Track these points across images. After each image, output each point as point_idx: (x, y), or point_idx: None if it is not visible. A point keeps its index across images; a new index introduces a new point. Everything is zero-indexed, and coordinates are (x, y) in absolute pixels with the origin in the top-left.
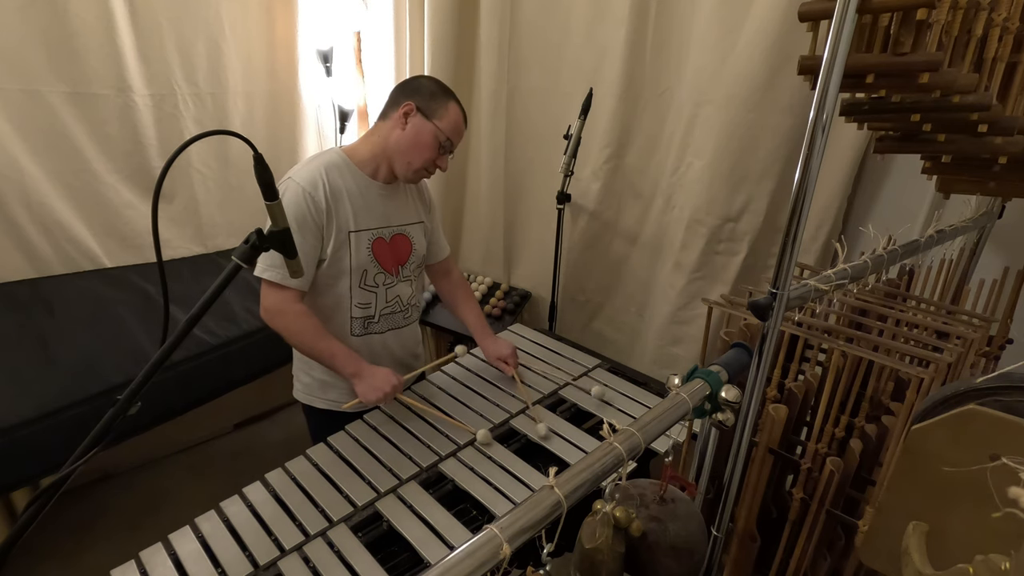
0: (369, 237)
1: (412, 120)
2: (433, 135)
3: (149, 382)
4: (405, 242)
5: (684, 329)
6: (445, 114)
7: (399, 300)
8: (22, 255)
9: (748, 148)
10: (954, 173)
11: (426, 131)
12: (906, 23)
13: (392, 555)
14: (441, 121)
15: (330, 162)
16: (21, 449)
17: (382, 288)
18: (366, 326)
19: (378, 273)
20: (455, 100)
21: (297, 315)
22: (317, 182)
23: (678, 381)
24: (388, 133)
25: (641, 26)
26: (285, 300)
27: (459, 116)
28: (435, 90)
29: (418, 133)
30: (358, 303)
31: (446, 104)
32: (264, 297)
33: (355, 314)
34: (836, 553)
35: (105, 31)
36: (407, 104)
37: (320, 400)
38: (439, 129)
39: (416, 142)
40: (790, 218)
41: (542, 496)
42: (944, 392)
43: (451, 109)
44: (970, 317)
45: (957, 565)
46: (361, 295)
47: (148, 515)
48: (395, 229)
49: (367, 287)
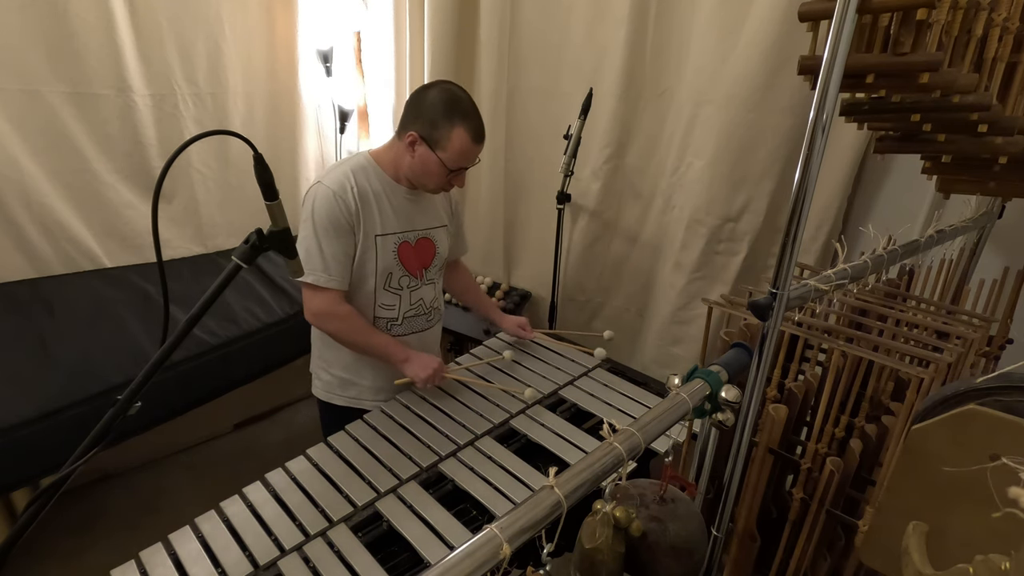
0: (396, 240)
1: (418, 149)
2: (438, 164)
3: (149, 382)
4: (430, 245)
5: (684, 329)
6: (449, 143)
7: (422, 303)
8: (22, 255)
9: (748, 148)
10: (954, 173)
11: (431, 161)
12: (906, 23)
13: (392, 555)
14: (445, 152)
15: (357, 165)
16: (21, 449)
17: (406, 291)
18: (389, 327)
19: (403, 276)
20: (462, 120)
21: (346, 316)
22: (345, 185)
23: (678, 381)
24: (401, 155)
25: (641, 26)
26: (332, 302)
27: (465, 141)
28: (438, 114)
29: (424, 163)
30: (382, 304)
31: (450, 131)
32: (309, 301)
33: (379, 314)
34: (836, 553)
35: (105, 31)
36: (411, 134)
37: (339, 397)
38: (443, 159)
39: (424, 171)
40: (790, 218)
41: (542, 496)
42: (944, 392)
43: (455, 135)
44: (970, 317)
45: (957, 565)
46: (385, 297)
47: (148, 515)
48: (420, 233)
49: (392, 289)
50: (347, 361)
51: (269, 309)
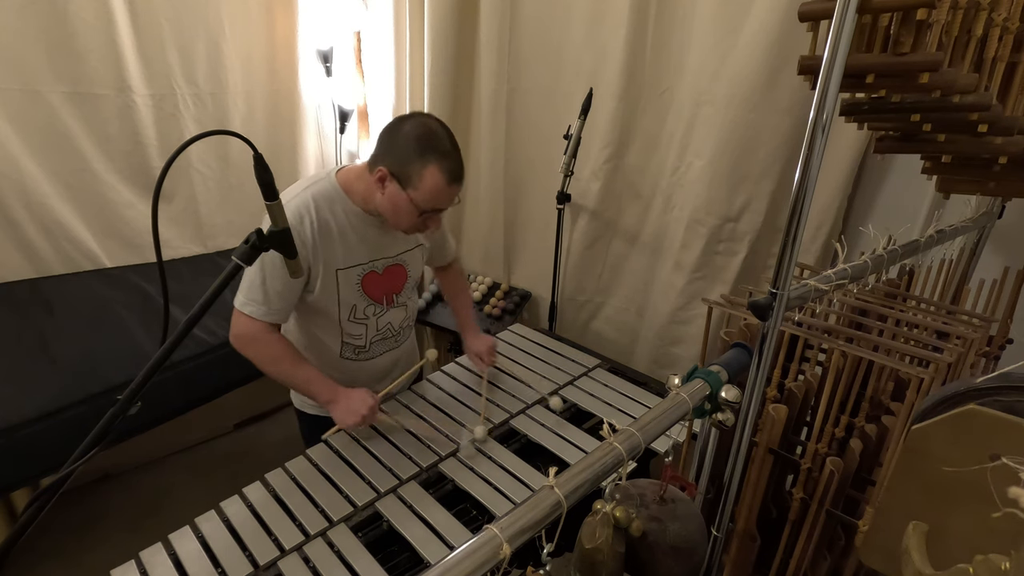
0: (359, 273)
1: (388, 187)
2: (408, 203)
3: (149, 382)
4: (400, 272)
5: (684, 329)
6: (420, 182)
7: (390, 327)
8: (22, 255)
9: (748, 148)
10: (954, 173)
11: (401, 200)
12: (906, 23)
13: (392, 555)
14: (416, 191)
15: (321, 193)
16: (21, 449)
17: (372, 319)
18: (357, 353)
19: (368, 306)
20: (438, 159)
21: (270, 342)
22: (304, 216)
23: (678, 381)
24: (372, 191)
25: (641, 26)
26: (255, 328)
27: (438, 181)
28: (412, 151)
29: (394, 202)
30: (348, 334)
31: (422, 169)
32: (235, 324)
33: (346, 340)
34: (836, 553)
35: (105, 31)
36: (380, 170)
37: (311, 406)
38: (413, 199)
39: (394, 210)
40: (790, 218)
41: (542, 496)
42: (944, 392)
43: (428, 174)
44: (970, 317)
45: (957, 565)
46: (352, 327)
47: (148, 515)
48: (391, 260)
49: (357, 320)
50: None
51: None
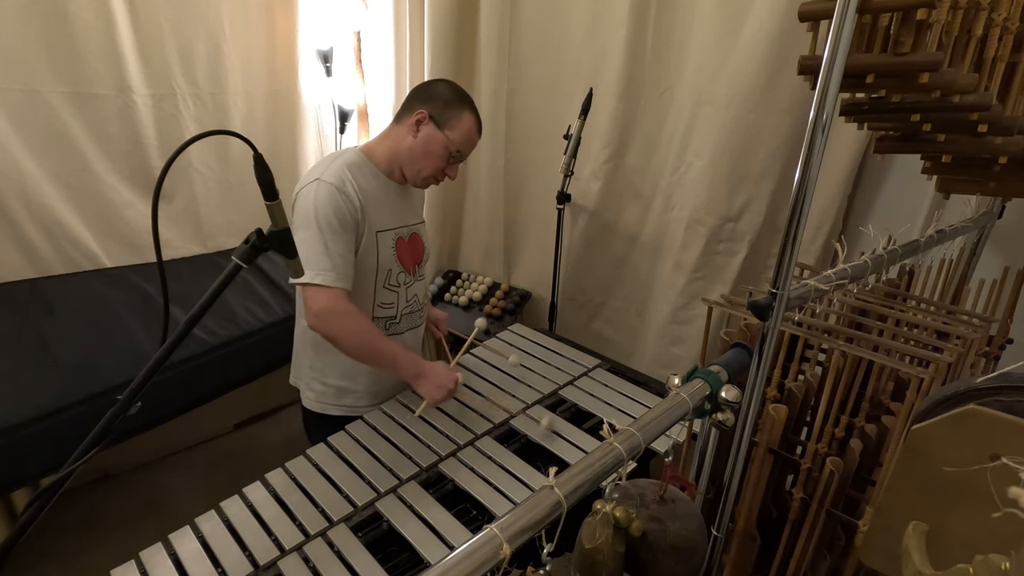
0: (393, 236)
1: (424, 128)
2: (443, 145)
3: (149, 382)
4: (419, 242)
5: (684, 329)
6: (457, 124)
7: (416, 299)
8: (22, 255)
9: (748, 148)
10: (954, 173)
11: (436, 141)
12: (906, 23)
13: (392, 555)
14: (452, 132)
15: (351, 161)
16: (21, 449)
17: (403, 288)
18: (388, 327)
19: (400, 272)
20: (470, 109)
21: (353, 314)
22: (345, 180)
23: (678, 381)
24: (401, 138)
25: (641, 26)
26: (337, 299)
27: (472, 127)
28: (450, 98)
29: (428, 142)
30: (381, 303)
31: (460, 114)
32: (312, 301)
33: (377, 314)
34: (836, 553)
35: (105, 31)
36: (420, 112)
37: (335, 407)
38: (449, 140)
39: (426, 151)
40: (790, 218)
41: (542, 496)
42: (944, 392)
43: (464, 120)
44: (970, 317)
45: (957, 565)
46: (385, 295)
47: (148, 515)
48: (411, 228)
49: (390, 287)
50: (344, 367)
51: (269, 309)
